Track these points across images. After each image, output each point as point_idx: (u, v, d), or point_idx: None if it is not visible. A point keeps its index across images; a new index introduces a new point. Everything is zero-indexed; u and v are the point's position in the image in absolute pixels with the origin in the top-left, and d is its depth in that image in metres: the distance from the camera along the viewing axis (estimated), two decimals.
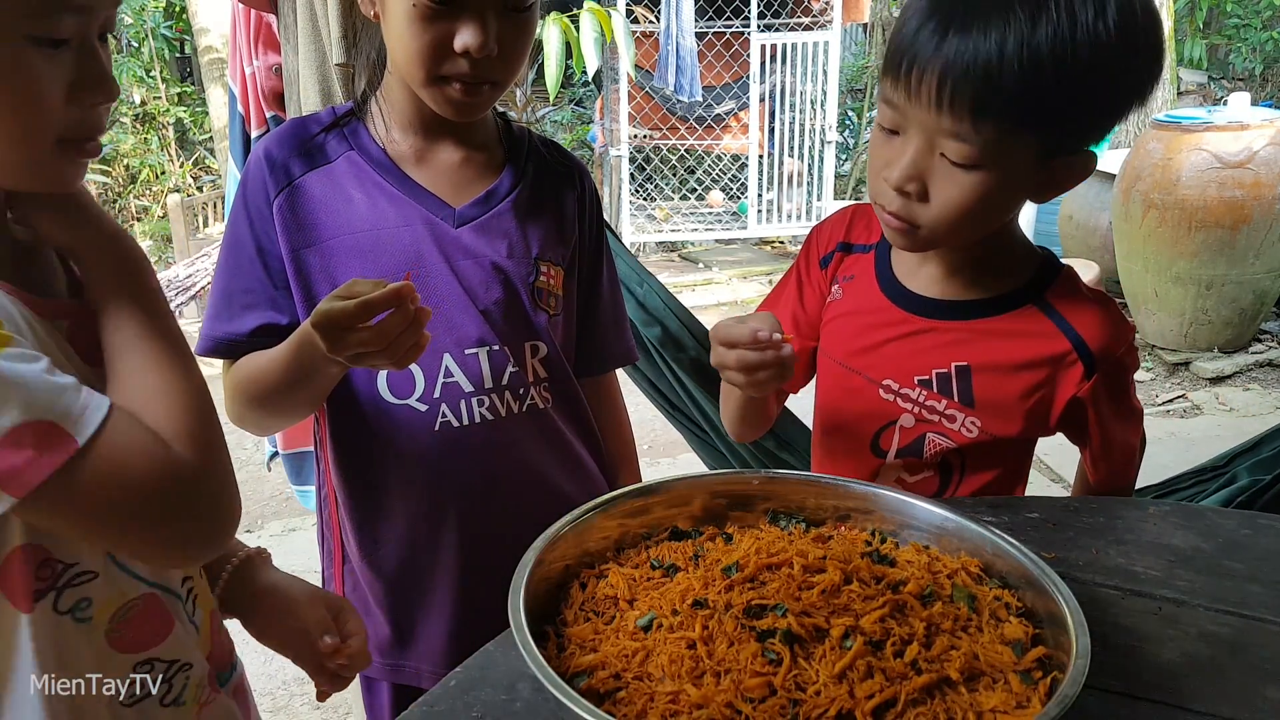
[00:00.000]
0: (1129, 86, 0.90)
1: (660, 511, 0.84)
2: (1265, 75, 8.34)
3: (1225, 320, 4.29)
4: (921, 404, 1.03)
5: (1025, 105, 0.85)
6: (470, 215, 1.05)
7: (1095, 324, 1.00)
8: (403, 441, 1.04)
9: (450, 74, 0.96)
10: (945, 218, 0.91)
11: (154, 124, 7.55)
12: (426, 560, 1.08)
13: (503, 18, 0.95)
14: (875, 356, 1.06)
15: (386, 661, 1.12)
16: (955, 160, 0.88)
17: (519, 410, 1.07)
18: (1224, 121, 4.08)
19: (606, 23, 2.92)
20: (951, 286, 1.03)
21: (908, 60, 0.87)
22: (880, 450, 1.07)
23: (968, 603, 0.72)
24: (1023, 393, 1.00)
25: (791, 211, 6.88)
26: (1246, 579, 0.85)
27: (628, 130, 6.50)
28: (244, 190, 1.04)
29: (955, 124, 0.86)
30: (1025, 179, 0.92)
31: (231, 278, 1.03)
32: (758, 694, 0.61)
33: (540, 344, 1.09)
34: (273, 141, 1.05)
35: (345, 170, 1.04)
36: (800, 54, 6.50)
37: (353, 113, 1.07)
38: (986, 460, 1.05)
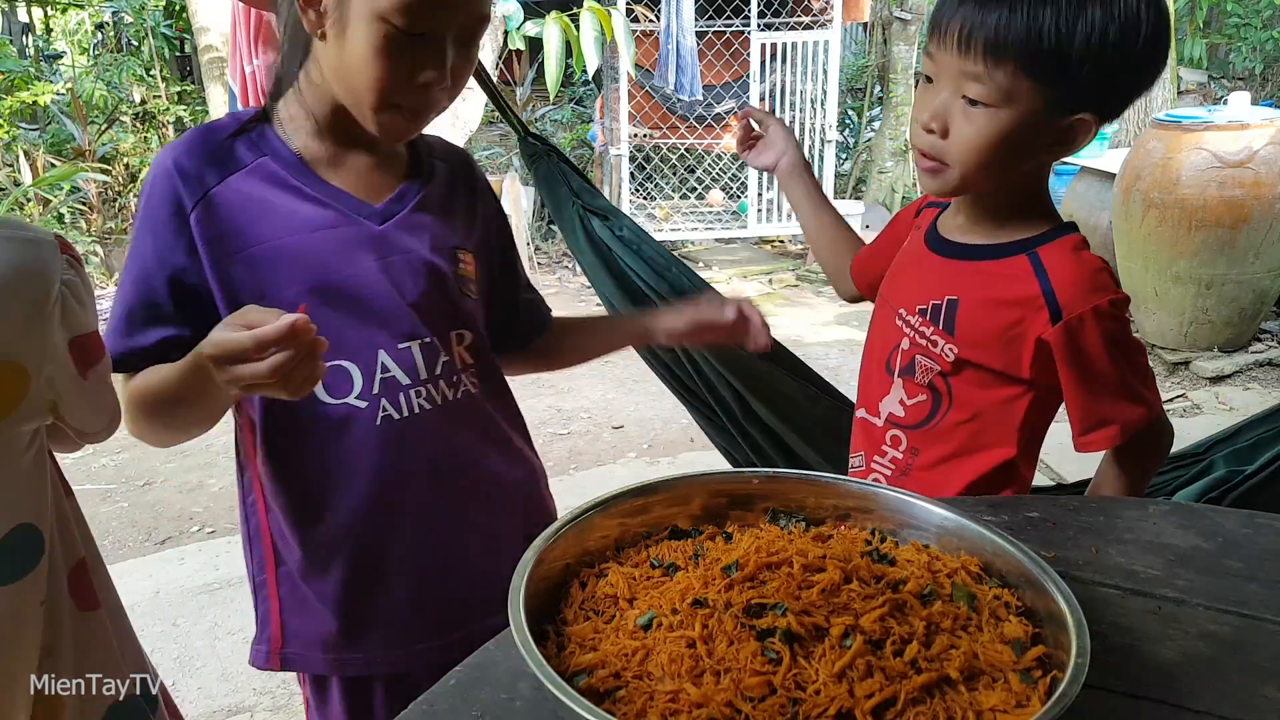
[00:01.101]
0: (1130, 59, 1.01)
1: (660, 511, 0.84)
2: (1265, 74, 8.34)
3: (1225, 320, 4.29)
4: (916, 329, 1.17)
5: (1030, 52, 0.99)
6: (391, 213, 1.07)
7: (1068, 275, 1.08)
8: (344, 439, 1.05)
9: (402, 103, 0.99)
10: (964, 153, 1.05)
11: (154, 123, 7.55)
12: (375, 551, 1.09)
13: (458, 50, 0.98)
14: (898, 286, 1.24)
15: (335, 656, 1.11)
16: (973, 98, 1.03)
17: (454, 398, 1.10)
18: (1224, 121, 4.08)
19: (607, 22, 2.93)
20: (972, 234, 1.17)
21: (947, 15, 1.03)
22: (890, 369, 1.22)
23: (967, 602, 0.72)
24: (999, 329, 1.11)
25: (791, 211, 6.86)
26: (1246, 578, 0.85)
27: (628, 129, 6.50)
28: (149, 203, 1.01)
29: (972, 64, 1.01)
30: (1034, 128, 1.04)
31: (133, 291, 1.01)
32: (757, 693, 0.61)
33: (465, 332, 1.13)
34: (181, 152, 1.02)
35: (260, 176, 1.02)
36: (800, 53, 6.49)
37: (258, 118, 1.06)
38: (971, 386, 1.14)
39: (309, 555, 1.09)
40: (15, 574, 0.87)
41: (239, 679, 2.36)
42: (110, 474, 3.76)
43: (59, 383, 0.87)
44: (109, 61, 7.56)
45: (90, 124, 7.08)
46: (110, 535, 3.24)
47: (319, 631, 1.11)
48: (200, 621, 2.61)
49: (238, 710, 2.26)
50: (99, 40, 8.34)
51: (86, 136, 6.94)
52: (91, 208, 7.00)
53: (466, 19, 0.98)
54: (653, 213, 7.29)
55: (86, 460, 3.89)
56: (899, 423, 1.21)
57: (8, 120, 6.77)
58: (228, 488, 3.60)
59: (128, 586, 2.77)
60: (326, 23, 0.97)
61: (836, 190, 7.19)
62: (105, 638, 0.97)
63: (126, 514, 3.41)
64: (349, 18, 0.95)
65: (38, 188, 6.36)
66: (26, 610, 0.88)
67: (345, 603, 1.10)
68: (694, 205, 7.53)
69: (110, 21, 8.12)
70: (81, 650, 0.94)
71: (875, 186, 7.55)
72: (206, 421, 1.04)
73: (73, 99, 6.98)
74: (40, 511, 0.88)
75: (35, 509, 0.88)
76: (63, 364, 0.86)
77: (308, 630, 1.12)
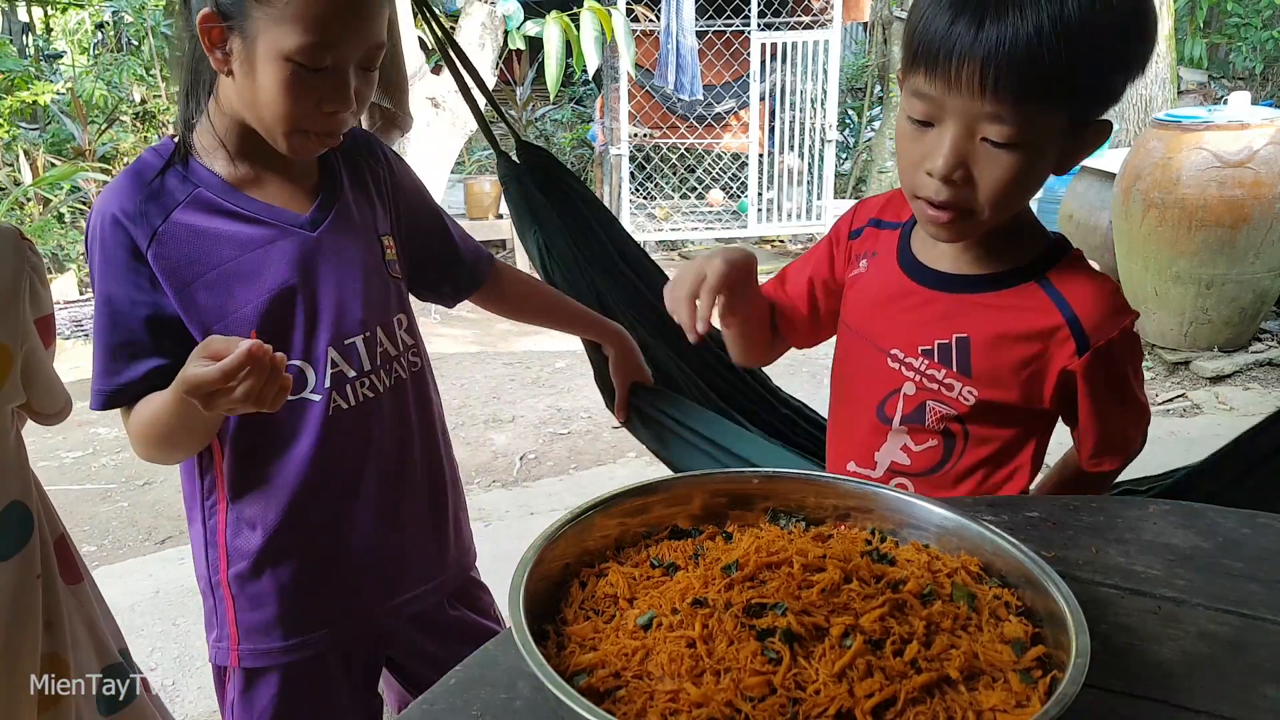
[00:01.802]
0: (1141, 42, 0.94)
1: (660, 510, 0.84)
2: (1265, 74, 8.33)
3: (1225, 319, 4.29)
4: (923, 373, 1.08)
5: (1063, 81, 0.90)
6: (318, 219, 1.15)
7: (1090, 302, 1.02)
8: (299, 431, 1.14)
9: (311, 129, 1.06)
10: (993, 199, 0.96)
11: (154, 122, 7.55)
12: (328, 535, 1.19)
13: (359, 76, 1.06)
14: (884, 325, 1.12)
15: (284, 644, 1.19)
16: (997, 141, 0.92)
17: (391, 384, 1.20)
18: (1224, 121, 4.08)
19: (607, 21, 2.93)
20: (961, 262, 1.08)
21: (944, 52, 0.90)
22: (885, 417, 1.12)
23: (967, 602, 0.72)
24: (1017, 364, 1.04)
25: (791, 210, 6.87)
26: (1246, 578, 0.85)
27: (628, 129, 6.50)
28: (104, 251, 1.07)
29: (997, 107, 0.90)
30: (1054, 151, 0.97)
31: (110, 334, 1.08)
32: (757, 693, 0.61)
33: (403, 315, 1.23)
34: (121, 197, 1.08)
35: (199, 206, 1.09)
36: (800, 53, 6.49)
37: (180, 151, 1.11)
38: (989, 428, 1.08)
39: (269, 544, 1.16)
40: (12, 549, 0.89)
41: None
42: (110, 474, 3.76)
43: (33, 361, 0.93)
44: (109, 61, 7.56)
45: (90, 124, 7.08)
46: (110, 535, 3.23)
47: (263, 622, 1.18)
48: (200, 621, 2.60)
49: None
50: (99, 40, 8.34)
51: (86, 136, 6.94)
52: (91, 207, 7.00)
53: (364, 49, 1.05)
54: (653, 212, 7.29)
55: (86, 460, 3.89)
56: (904, 471, 1.13)
57: (8, 120, 6.77)
58: None
59: (128, 586, 2.78)
60: (233, 62, 1.04)
61: (837, 190, 7.18)
62: (90, 609, 1.02)
63: (126, 514, 3.41)
64: (255, 59, 1.02)
65: (38, 187, 6.36)
66: (26, 583, 0.90)
67: (299, 591, 1.18)
68: (694, 205, 7.53)
69: (110, 21, 8.11)
70: (73, 622, 0.98)
71: (875, 186, 7.55)
72: (206, 437, 1.13)
73: (73, 98, 6.98)
74: (27, 489, 0.92)
75: (23, 487, 0.92)
76: (35, 342, 0.93)
77: (262, 623, 1.19)
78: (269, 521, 1.16)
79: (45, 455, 3.79)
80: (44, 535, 0.97)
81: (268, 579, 1.17)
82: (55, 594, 0.97)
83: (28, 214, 6.38)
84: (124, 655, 1.07)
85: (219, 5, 1.02)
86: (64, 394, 1.08)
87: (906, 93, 0.97)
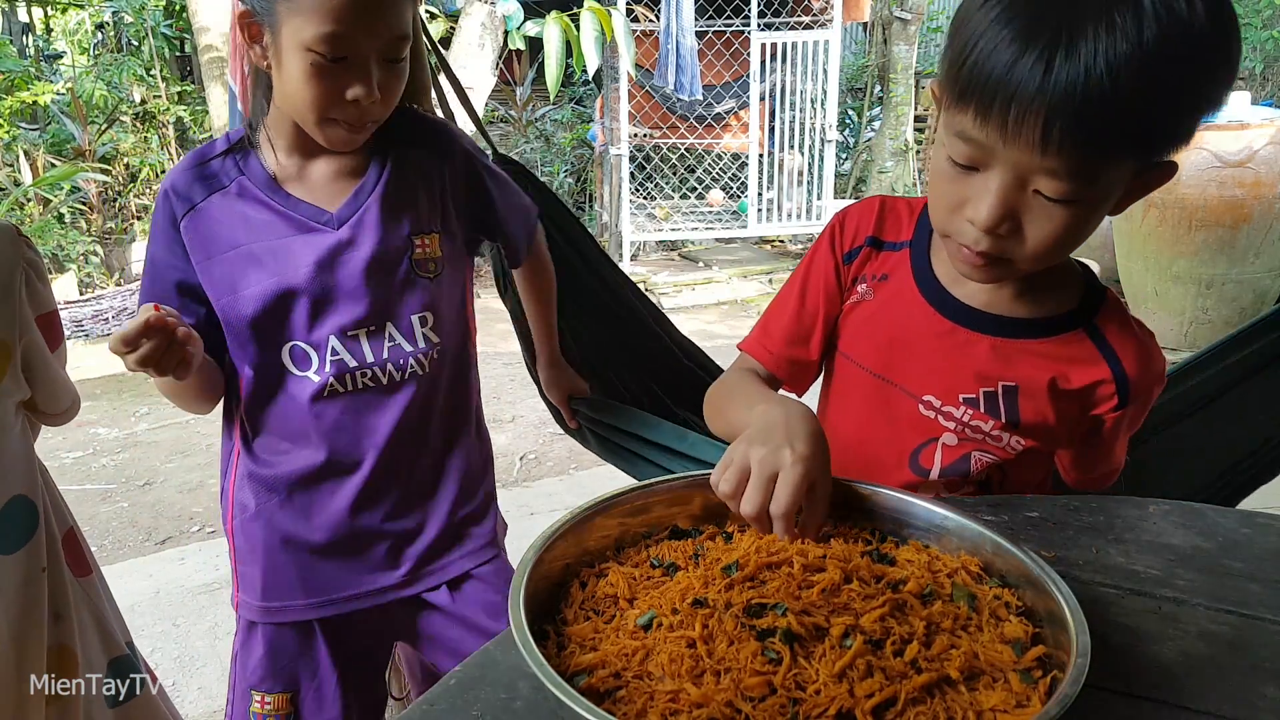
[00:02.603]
0: (1226, 67, 0.80)
1: (660, 510, 0.84)
2: (1265, 74, 8.34)
3: (1225, 319, 4.29)
4: (965, 423, 0.99)
5: (1136, 128, 0.78)
6: (345, 216, 1.21)
7: (1136, 359, 0.98)
8: (299, 405, 1.22)
9: (339, 118, 1.12)
10: (1039, 252, 0.85)
11: (154, 123, 7.55)
12: (310, 510, 1.25)
13: (383, 67, 1.11)
14: (914, 368, 1.00)
15: (263, 604, 1.27)
16: (1052, 197, 0.81)
17: (400, 379, 1.24)
18: (1224, 120, 4.08)
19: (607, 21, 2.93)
20: (1000, 300, 0.98)
21: (1002, 97, 0.77)
22: (921, 469, 1.02)
23: (968, 602, 0.72)
24: (1063, 414, 0.99)
25: (791, 210, 6.88)
26: (1246, 578, 0.85)
27: (628, 129, 6.50)
28: (155, 220, 1.22)
29: (1060, 163, 0.78)
30: (1113, 200, 0.86)
31: (148, 292, 1.23)
32: (758, 693, 0.61)
33: (428, 314, 1.25)
34: (177, 174, 1.21)
35: (237, 193, 1.20)
36: (800, 53, 6.50)
37: (244, 140, 1.22)
38: (1025, 470, 1.04)
39: (259, 506, 1.26)
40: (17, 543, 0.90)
41: None
42: (110, 474, 3.76)
43: (34, 357, 0.94)
44: (109, 61, 7.56)
45: (90, 124, 7.08)
46: (110, 535, 3.24)
47: (258, 580, 1.27)
48: (200, 621, 2.61)
49: None
50: (99, 40, 8.34)
51: (86, 136, 6.94)
52: (91, 207, 7.00)
53: (385, 41, 1.10)
54: (653, 212, 7.30)
55: (86, 460, 3.89)
56: None
57: (8, 120, 6.77)
58: None
59: (128, 586, 2.78)
60: (269, 55, 1.11)
61: (837, 190, 7.18)
62: (99, 602, 1.02)
63: (127, 514, 3.41)
64: (282, 50, 1.09)
65: (38, 187, 6.36)
66: (33, 576, 0.91)
67: (281, 553, 1.26)
68: (694, 205, 7.53)
69: (110, 21, 8.12)
70: (81, 614, 0.98)
71: (875, 186, 7.55)
72: (189, 396, 1.23)
73: (73, 99, 6.98)
74: (33, 483, 0.92)
75: (28, 481, 0.92)
76: (36, 338, 0.94)
77: (251, 578, 1.28)
78: (263, 484, 1.25)
79: (46, 456, 3.77)
80: (51, 529, 0.98)
81: (256, 537, 1.27)
82: (63, 587, 0.98)
83: (28, 214, 6.38)
84: (130, 648, 1.08)
85: (250, 1, 1.09)
86: (70, 393, 1.09)
87: (948, 130, 0.84)
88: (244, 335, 1.19)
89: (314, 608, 1.28)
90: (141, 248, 7.23)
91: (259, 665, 1.28)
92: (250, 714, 1.29)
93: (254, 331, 1.19)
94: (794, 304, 1.10)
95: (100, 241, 6.90)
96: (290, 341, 1.20)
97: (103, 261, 6.82)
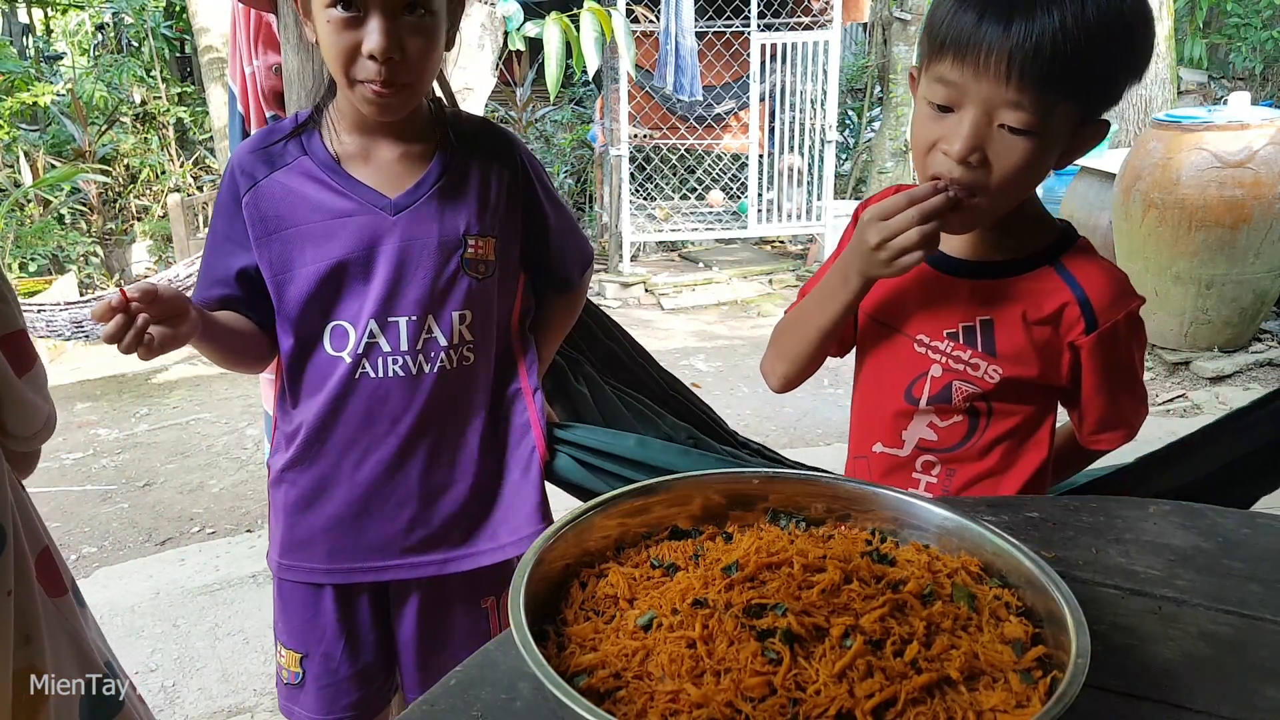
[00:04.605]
0: (1145, 45, 1.01)
1: (660, 511, 0.84)
2: (1265, 74, 8.33)
3: (1225, 320, 4.29)
4: (949, 354, 1.14)
5: (1080, 75, 0.97)
6: (404, 204, 1.23)
7: (1100, 284, 1.10)
8: (332, 384, 1.26)
9: (362, 78, 1.13)
10: (1004, 183, 1.01)
11: (154, 124, 7.56)
12: (333, 482, 1.30)
13: (404, 25, 1.11)
14: (909, 312, 1.17)
15: (279, 561, 1.34)
16: (1015, 127, 0.98)
17: (429, 370, 1.26)
18: (1224, 121, 4.08)
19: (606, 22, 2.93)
20: (980, 249, 1.14)
21: (973, 42, 0.97)
22: (913, 398, 1.17)
23: (968, 602, 0.72)
24: (1038, 342, 1.11)
25: (791, 211, 6.87)
26: (1246, 578, 0.85)
27: (628, 130, 6.50)
28: (221, 190, 1.26)
29: (1019, 95, 0.96)
30: (1061, 144, 1.03)
31: (209, 259, 1.28)
32: (758, 693, 0.61)
33: (466, 311, 1.27)
34: (244, 149, 1.25)
35: (299, 172, 1.23)
36: (800, 53, 6.50)
37: (311, 119, 1.26)
38: (1011, 402, 1.14)
39: (285, 470, 1.31)
40: None
41: (239, 679, 2.36)
42: (110, 474, 3.76)
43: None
44: (109, 62, 7.56)
45: (90, 125, 7.08)
46: (110, 536, 3.24)
47: (280, 538, 1.33)
48: (200, 622, 2.61)
49: (238, 711, 2.26)
50: (99, 41, 8.34)
51: (87, 137, 6.94)
52: (91, 208, 7.01)
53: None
54: (653, 213, 7.30)
55: (87, 461, 3.90)
56: (931, 447, 1.18)
57: (8, 121, 6.77)
58: (228, 488, 3.60)
59: (128, 587, 2.78)
60: (311, 28, 1.16)
61: (837, 190, 7.18)
62: (75, 622, 1.00)
63: (127, 514, 3.41)
64: (314, 18, 1.14)
65: (38, 188, 6.37)
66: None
67: (297, 517, 1.31)
68: (694, 205, 7.53)
69: (110, 22, 8.12)
70: (54, 635, 0.96)
71: (875, 187, 7.55)
72: (231, 359, 1.28)
73: (73, 100, 6.99)
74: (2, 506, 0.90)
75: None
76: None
77: (277, 535, 1.34)
78: (290, 451, 1.31)
79: (46, 456, 3.76)
80: (21, 550, 0.95)
81: (281, 499, 1.33)
82: (34, 608, 0.95)
83: (28, 215, 6.39)
84: (109, 666, 1.06)
85: None
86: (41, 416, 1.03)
87: (928, 79, 1.03)
88: (293, 310, 1.23)
89: (323, 573, 1.33)
90: (141, 248, 7.24)
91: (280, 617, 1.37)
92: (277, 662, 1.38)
93: (302, 308, 1.23)
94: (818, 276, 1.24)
95: (100, 242, 6.90)
96: (333, 320, 1.24)
97: (103, 262, 6.82)
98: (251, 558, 2.92)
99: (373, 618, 1.36)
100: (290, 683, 1.37)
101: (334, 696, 1.35)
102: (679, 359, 5.02)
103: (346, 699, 1.36)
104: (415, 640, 1.36)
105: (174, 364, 5.21)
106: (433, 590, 1.35)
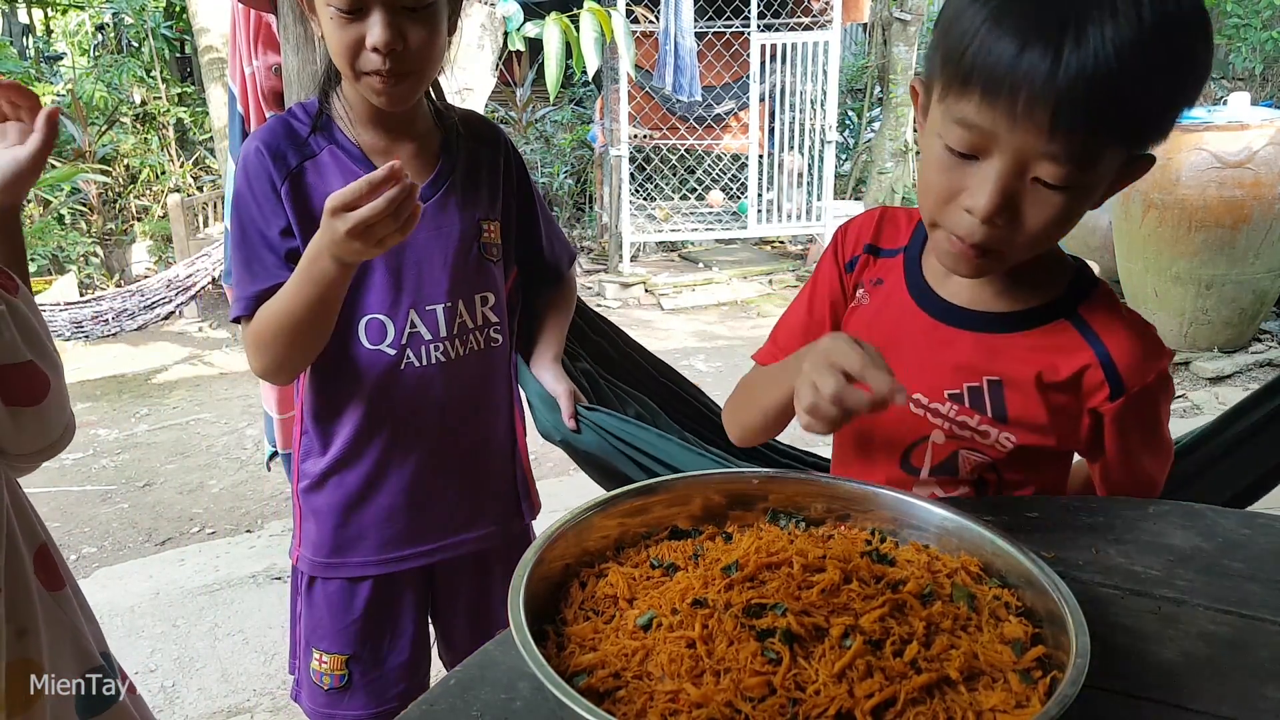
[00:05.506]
0: (1207, 60, 0.83)
1: (660, 511, 0.84)
2: (1265, 75, 8.33)
3: (1225, 320, 4.29)
4: (952, 419, 0.99)
5: (1134, 112, 0.80)
6: (428, 195, 1.27)
7: (1124, 341, 0.95)
8: (373, 378, 1.26)
9: (367, 69, 1.14)
10: (1031, 241, 0.86)
11: (154, 124, 7.56)
12: (384, 473, 1.30)
13: (407, 17, 1.12)
14: (903, 367, 0.96)
15: (325, 560, 1.33)
16: (1051, 183, 0.82)
17: (464, 353, 1.30)
18: (1224, 121, 4.08)
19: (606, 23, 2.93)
20: (985, 297, 0.99)
21: (1010, 84, 0.78)
22: (912, 467, 1.03)
23: (967, 602, 0.72)
24: (1055, 407, 0.97)
25: (791, 211, 6.88)
26: (1246, 578, 0.85)
27: (628, 130, 6.50)
28: (247, 178, 1.22)
29: (1063, 147, 0.79)
30: (1102, 189, 0.87)
31: (247, 252, 1.23)
32: (757, 693, 0.61)
33: (489, 294, 1.32)
34: (268, 136, 1.23)
35: (329, 162, 1.23)
36: (800, 54, 6.50)
37: (322, 109, 1.25)
38: (1023, 472, 1.01)
39: (326, 472, 1.30)
40: None
41: (239, 679, 2.36)
42: (110, 475, 3.76)
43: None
44: (109, 63, 7.56)
45: (90, 125, 7.08)
46: (110, 536, 3.24)
47: (322, 540, 1.32)
48: (200, 622, 2.61)
49: (238, 711, 2.26)
50: (99, 41, 8.34)
51: (87, 138, 6.94)
52: (91, 209, 7.00)
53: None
54: (653, 213, 7.30)
55: (87, 461, 3.90)
56: None
57: None
58: (228, 489, 3.60)
59: (128, 587, 2.78)
60: (316, 23, 1.16)
61: (836, 191, 7.19)
62: (74, 615, 1.01)
63: (127, 515, 3.41)
64: (317, 12, 1.15)
65: (38, 189, 6.36)
66: None
67: (349, 514, 1.31)
68: (694, 206, 7.54)
69: (110, 23, 8.12)
70: (52, 629, 0.97)
71: (875, 187, 7.55)
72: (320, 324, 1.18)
73: (73, 100, 6.98)
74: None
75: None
76: None
77: (315, 537, 1.33)
78: (330, 452, 1.30)
79: None
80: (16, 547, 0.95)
81: (322, 501, 1.32)
82: (30, 603, 0.96)
83: (28, 215, 6.38)
84: (106, 659, 1.07)
85: None
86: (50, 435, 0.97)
87: (947, 118, 0.84)
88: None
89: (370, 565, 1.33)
90: (141, 249, 7.24)
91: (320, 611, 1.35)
92: (311, 670, 1.37)
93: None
94: (802, 314, 1.12)
95: (100, 243, 6.90)
96: (366, 315, 1.24)
97: (103, 263, 6.82)
98: (251, 558, 2.92)
99: (415, 605, 1.38)
100: (335, 687, 1.36)
101: (383, 689, 1.37)
102: (679, 359, 5.02)
103: (394, 690, 1.37)
104: (464, 616, 1.41)
105: (174, 364, 5.21)
106: (477, 564, 1.40)
